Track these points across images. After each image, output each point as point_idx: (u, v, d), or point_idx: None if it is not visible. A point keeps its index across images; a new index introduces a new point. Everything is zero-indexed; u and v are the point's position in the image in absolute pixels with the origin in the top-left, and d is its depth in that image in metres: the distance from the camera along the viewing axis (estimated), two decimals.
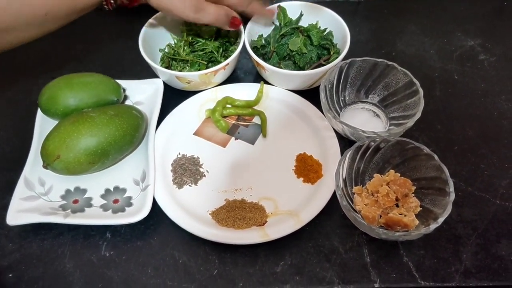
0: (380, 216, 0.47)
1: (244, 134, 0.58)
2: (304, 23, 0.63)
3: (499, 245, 0.48)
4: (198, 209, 0.50)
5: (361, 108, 0.60)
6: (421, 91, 0.53)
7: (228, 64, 0.58)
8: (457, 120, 0.59)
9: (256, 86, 0.61)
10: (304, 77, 0.57)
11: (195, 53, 0.62)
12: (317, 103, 0.56)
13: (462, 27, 0.72)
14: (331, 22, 0.62)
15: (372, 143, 0.49)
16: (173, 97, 0.60)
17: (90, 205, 0.51)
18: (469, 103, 0.61)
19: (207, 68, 0.58)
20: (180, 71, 0.60)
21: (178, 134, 0.58)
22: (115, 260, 0.48)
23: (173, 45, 0.64)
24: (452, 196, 0.44)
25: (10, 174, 0.53)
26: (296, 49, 0.59)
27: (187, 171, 0.54)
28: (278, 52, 0.60)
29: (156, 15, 0.62)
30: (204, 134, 0.58)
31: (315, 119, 0.57)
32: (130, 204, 0.50)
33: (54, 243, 0.49)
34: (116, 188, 0.52)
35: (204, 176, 0.54)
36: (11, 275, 0.47)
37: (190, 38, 0.62)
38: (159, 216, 0.50)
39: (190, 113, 0.59)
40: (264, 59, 0.60)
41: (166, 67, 0.61)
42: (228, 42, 0.64)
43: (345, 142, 0.55)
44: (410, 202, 0.48)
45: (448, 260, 0.47)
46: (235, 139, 0.58)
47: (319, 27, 0.62)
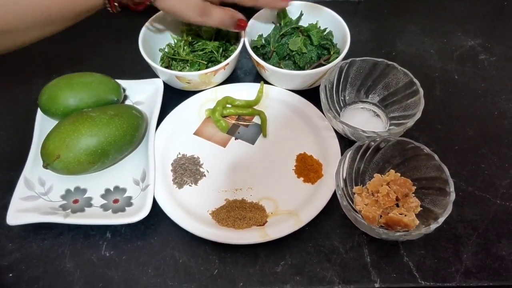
0: (381, 216, 0.47)
1: (244, 134, 0.58)
2: (304, 23, 0.63)
3: (500, 245, 0.48)
4: (198, 209, 0.50)
5: (361, 108, 0.60)
6: (421, 91, 0.53)
7: (228, 64, 0.58)
8: (458, 120, 0.59)
9: (256, 86, 0.61)
10: (304, 77, 0.57)
11: (195, 53, 0.62)
12: (317, 103, 0.56)
13: (462, 27, 0.72)
14: (331, 22, 0.62)
15: (372, 143, 0.49)
16: (173, 97, 0.60)
17: (90, 205, 0.51)
18: (470, 103, 0.61)
19: (207, 68, 0.58)
20: (180, 71, 0.60)
21: (178, 134, 0.58)
22: (115, 260, 0.48)
23: (173, 45, 0.64)
24: (453, 196, 0.44)
25: (10, 174, 0.53)
26: (296, 49, 0.59)
27: (187, 171, 0.54)
28: (278, 52, 0.60)
29: (156, 15, 0.62)
30: (204, 134, 0.58)
31: (315, 119, 0.57)
32: (130, 204, 0.50)
33: (54, 243, 0.49)
34: (116, 188, 0.52)
35: (204, 176, 0.54)
36: (11, 275, 0.47)
37: (190, 38, 0.62)
38: (159, 216, 0.50)
39: (190, 113, 0.59)
40: (264, 59, 0.60)
41: (166, 67, 0.61)
42: (228, 42, 0.64)
43: (345, 142, 0.55)
44: (411, 202, 0.47)
45: (449, 260, 0.47)
46: (235, 139, 0.57)
47: (319, 27, 0.62)
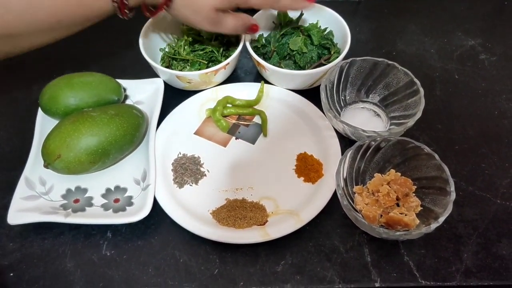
0: (381, 216, 0.47)
1: (245, 134, 0.58)
2: (305, 23, 0.63)
3: (500, 245, 0.48)
4: (199, 209, 0.50)
5: (362, 108, 0.60)
6: (422, 91, 0.53)
7: (229, 64, 0.58)
8: (458, 120, 0.59)
9: (257, 86, 0.61)
10: (305, 77, 0.57)
11: (196, 53, 0.62)
12: (318, 103, 0.56)
13: (463, 27, 0.72)
14: (332, 22, 0.62)
15: (373, 143, 0.49)
16: (174, 97, 0.60)
17: (91, 205, 0.51)
18: (470, 103, 0.62)
19: (208, 68, 0.58)
20: (181, 71, 0.60)
21: (179, 134, 0.58)
22: (116, 260, 0.48)
23: (174, 45, 0.64)
24: (453, 196, 0.44)
25: (11, 174, 0.53)
26: (297, 49, 0.59)
27: (188, 171, 0.54)
28: (279, 52, 0.60)
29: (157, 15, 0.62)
30: (205, 134, 0.58)
31: (316, 119, 0.57)
32: (131, 204, 0.50)
33: (55, 243, 0.49)
34: (117, 188, 0.52)
35: (205, 176, 0.54)
36: (12, 275, 0.47)
37: (191, 38, 0.62)
38: (160, 216, 0.50)
39: (191, 113, 0.59)
40: (265, 59, 0.60)
41: (167, 67, 0.61)
42: (229, 42, 0.64)
43: (346, 142, 0.55)
44: (411, 202, 0.47)
45: (449, 260, 0.47)
46: (236, 139, 0.58)
47: (320, 27, 0.62)
